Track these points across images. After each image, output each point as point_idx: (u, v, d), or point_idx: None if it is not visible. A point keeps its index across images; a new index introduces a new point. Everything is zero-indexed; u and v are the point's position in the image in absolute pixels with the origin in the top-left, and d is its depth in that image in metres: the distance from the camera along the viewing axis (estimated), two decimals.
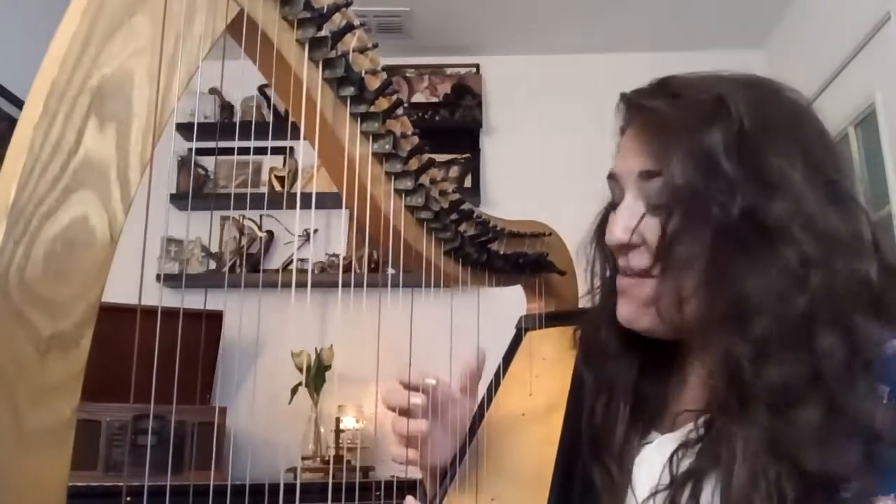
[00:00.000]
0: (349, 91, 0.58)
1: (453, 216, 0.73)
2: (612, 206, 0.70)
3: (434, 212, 0.70)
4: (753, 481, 0.54)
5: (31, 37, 2.56)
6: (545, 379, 0.84)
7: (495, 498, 0.73)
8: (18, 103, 2.56)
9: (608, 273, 0.75)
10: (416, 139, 0.66)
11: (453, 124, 3.20)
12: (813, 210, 0.59)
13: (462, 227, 0.75)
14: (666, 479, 0.61)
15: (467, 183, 3.15)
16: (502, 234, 0.81)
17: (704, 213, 0.59)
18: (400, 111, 0.63)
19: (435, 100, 3.25)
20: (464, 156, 3.18)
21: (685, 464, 0.61)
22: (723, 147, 0.60)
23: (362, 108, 0.60)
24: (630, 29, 3.11)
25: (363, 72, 0.59)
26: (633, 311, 0.67)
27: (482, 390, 0.84)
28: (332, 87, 0.57)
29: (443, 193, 0.71)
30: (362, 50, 0.59)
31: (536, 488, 0.71)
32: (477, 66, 3.33)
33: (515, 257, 0.83)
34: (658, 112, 0.64)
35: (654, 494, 0.61)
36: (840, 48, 2.56)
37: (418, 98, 3.27)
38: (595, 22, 3.09)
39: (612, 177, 0.70)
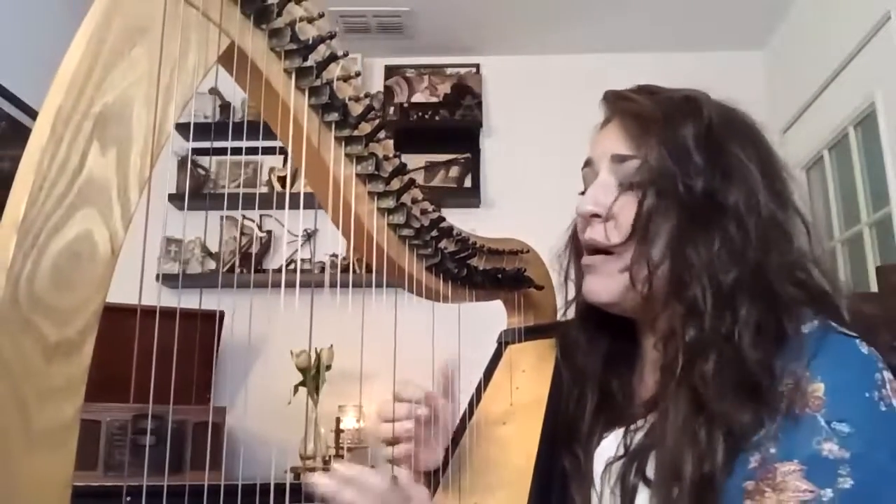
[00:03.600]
0: (333, 116, 0.62)
1: (433, 233, 0.77)
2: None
3: (415, 229, 0.74)
4: (681, 433, 0.62)
5: (32, 38, 2.56)
6: (525, 390, 0.88)
7: (478, 502, 0.76)
8: (18, 103, 2.56)
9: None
10: (397, 161, 0.69)
11: (453, 124, 3.21)
12: (761, 202, 0.69)
13: (442, 244, 0.79)
14: (620, 453, 0.69)
15: (467, 183, 3.16)
16: (481, 251, 0.86)
17: (673, 191, 0.69)
18: (382, 135, 0.67)
19: (435, 100, 3.26)
20: (464, 156, 3.19)
21: (636, 440, 0.69)
22: (693, 138, 0.70)
23: (346, 132, 0.64)
24: (630, 29, 3.11)
25: (347, 98, 0.63)
26: (599, 283, 0.74)
27: (464, 402, 0.88)
28: (318, 113, 0.62)
29: (424, 212, 0.75)
30: (346, 78, 0.63)
31: (516, 492, 0.74)
32: (477, 66, 3.34)
33: (494, 273, 0.88)
34: (638, 103, 0.74)
35: (608, 466, 0.69)
36: (840, 48, 2.56)
37: (418, 98, 3.27)
38: (595, 22, 3.09)
39: (587, 164, 0.78)
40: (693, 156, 0.69)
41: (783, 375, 0.62)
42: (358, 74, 0.63)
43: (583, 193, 0.77)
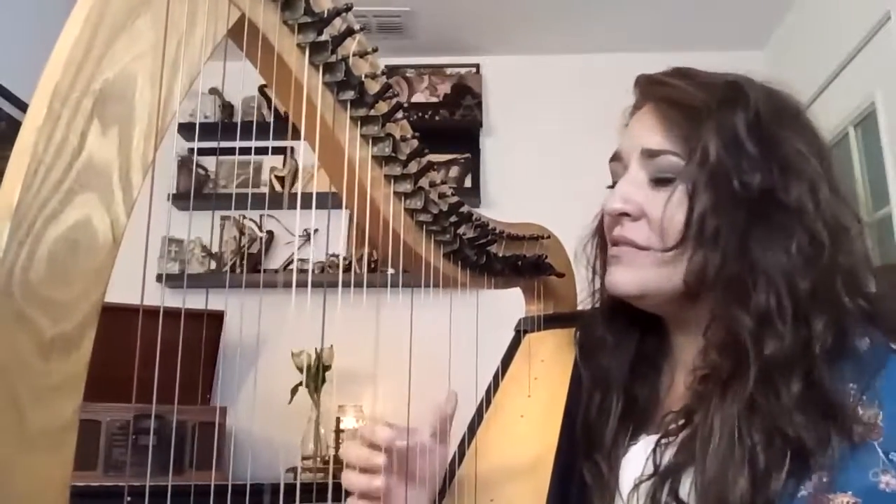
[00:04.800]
0: (349, 95, 0.59)
1: (452, 219, 0.73)
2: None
3: (433, 214, 0.70)
4: (730, 453, 0.57)
5: (31, 37, 2.56)
6: (543, 381, 0.84)
7: (494, 499, 0.73)
8: (19, 103, 2.55)
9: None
10: (415, 142, 0.66)
11: (453, 124, 3.20)
12: (824, 199, 0.62)
13: (461, 230, 0.75)
14: (649, 470, 0.63)
15: (467, 183, 3.15)
16: (501, 237, 0.82)
17: (728, 188, 0.62)
18: (399, 115, 0.64)
19: (435, 100, 3.25)
20: (464, 156, 3.18)
21: (667, 456, 0.63)
22: (745, 127, 0.63)
23: (362, 112, 0.60)
24: (630, 29, 3.11)
25: (363, 76, 0.59)
26: (626, 275, 0.68)
27: (480, 392, 0.84)
28: (332, 91, 0.58)
29: (442, 196, 0.72)
30: (362, 54, 0.59)
31: (534, 489, 0.71)
32: (477, 66, 3.33)
33: (514, 259, 0.84)
34: (678, 89, 0.67)
35: (636, 486, 0.64)
36: (840, 48, 2.56)
37: (418, 98, 3.27)
38: (595, 22, 3.09)
39: (615, 157, 0.72)
40: (746, 148, 0.62)
41: (845, 393, 0.57)
42: (375, 50, 0.59)
43: (611, 188, 0.72)
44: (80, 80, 0.37)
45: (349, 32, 0.57)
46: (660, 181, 0.66)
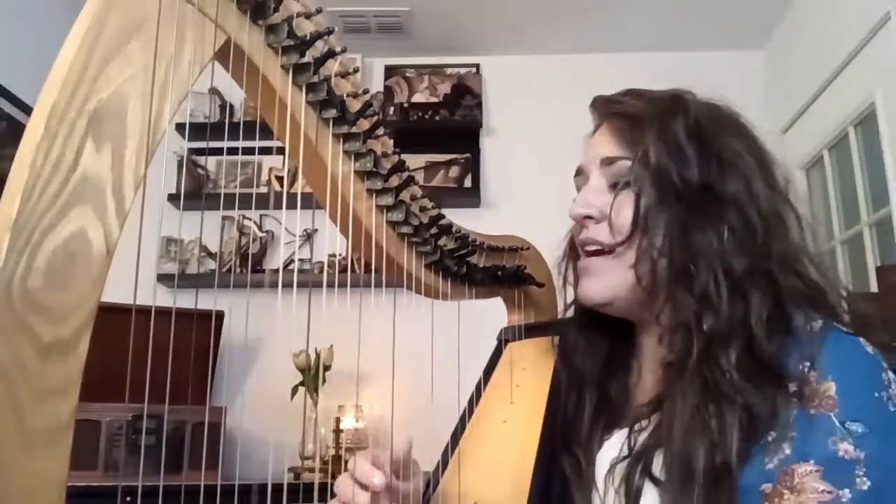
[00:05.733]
0: (331, 113, 0.62)
1: (433, 230, 0.76)
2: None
3: (414, 226, 0.73)
4: (692, 426, 0.62)
5: (32, 38, 2.56)
6: (525, 387, 0.87)
7: (478, 501, 0.75)
8: (18, 103, 2.56)
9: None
10: (396, 157, 0.69)
11: (453, 124, 3.21)
12: (759, 191, 0.69)
13: (441, 241, 0.78)
14: (624, 454, 0.68)
15: (467, 183, 3.15)
16: (481, 248, 0.85)
17: (670, 185, 0.69)
18: (380, 131, 0.67)
19: (435, 100, 3.26)
20: (464, 156, 3.19)
21: (640, 440, 0.68)
22: (684, 132, 0.71)
23: (344, 129, 0.64)
24: (630, 29, 3.11)
25: (345, 95, 0.62)
26: (593, 285, 0.74)
27: (464, 401, 0.87)
28: (316, 110, 0.61)
29: (423, 209, 0.75)
30: (344, 74, 0.62)
31: (518, 490, 0.74)
32: (477, 66, 3.34)
33: (494, 270, 0.87)
34: (626, 104, 0.76)
35: (612, 467, 0.69)
36: (840, 48, 2.56)
37: (418, 98, 3.27)
38: (595, 22, 3.09)
39: (578, 173, 0.79)
40: (685, 149, 0.70)
41: (794, 369, 0.62)
42: (356, 70, 0.62)
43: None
44: (76, 100, 0.39)
45: (331, 54, 0.60)
46: (617, 185, 0.73)
